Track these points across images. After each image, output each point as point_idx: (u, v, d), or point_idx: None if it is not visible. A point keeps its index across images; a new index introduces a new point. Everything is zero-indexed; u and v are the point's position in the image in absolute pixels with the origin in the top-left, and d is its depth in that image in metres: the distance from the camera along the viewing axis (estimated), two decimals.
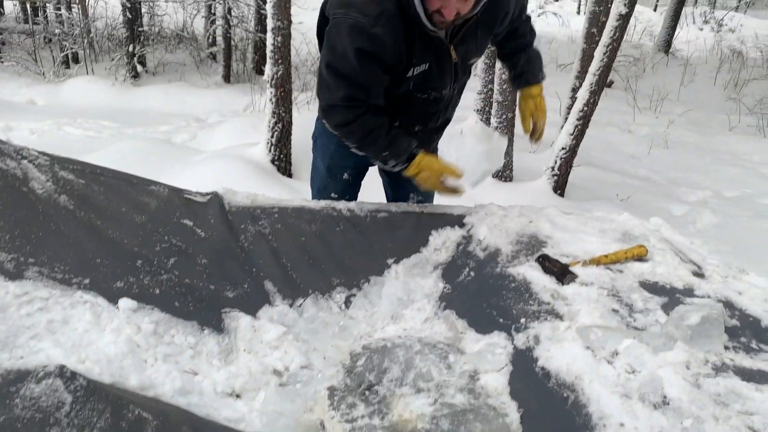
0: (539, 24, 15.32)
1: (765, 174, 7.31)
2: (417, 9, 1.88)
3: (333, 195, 2.59)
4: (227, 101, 8.80)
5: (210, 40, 10.60)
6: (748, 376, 1.54)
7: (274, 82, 5.30)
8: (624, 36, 5.43)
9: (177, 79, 9.72)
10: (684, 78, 11.49)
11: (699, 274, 2.04)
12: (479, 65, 7.60)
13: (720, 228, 5.62)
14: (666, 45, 13.44)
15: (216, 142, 6.72)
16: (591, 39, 6.53)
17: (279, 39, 5.18)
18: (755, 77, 11.58)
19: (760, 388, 1.48)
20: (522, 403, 1.61)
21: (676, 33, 13.81)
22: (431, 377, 1.71)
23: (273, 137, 5.47)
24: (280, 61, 5.25)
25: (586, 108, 5.48)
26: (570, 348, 1.61)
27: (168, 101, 8.74)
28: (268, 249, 2.11)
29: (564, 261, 2.01)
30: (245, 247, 2.09)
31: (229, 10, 9.63)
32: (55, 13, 10.10)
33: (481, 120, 7.58)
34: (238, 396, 1.68)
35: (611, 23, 5.22)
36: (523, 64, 2.49)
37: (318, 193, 2.70)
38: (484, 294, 1.99)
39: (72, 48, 10.06)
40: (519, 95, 2.52)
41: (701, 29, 18.82)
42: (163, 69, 10.20)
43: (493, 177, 6.07)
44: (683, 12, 14.79)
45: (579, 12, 19.71)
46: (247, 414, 1.62)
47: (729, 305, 1.84)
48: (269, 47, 5.24)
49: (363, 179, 2.76)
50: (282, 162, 5.56)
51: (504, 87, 5.88)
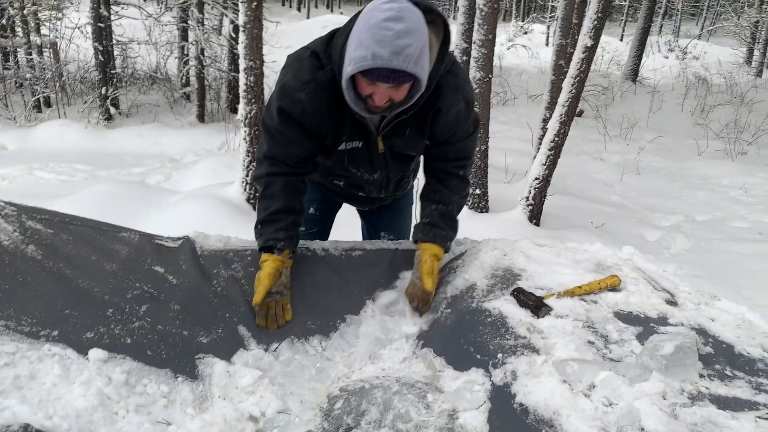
0: (509, 57, 15.65)
1: (734, 197, 7.46)
2: (344, 91, 1.80)
3: (300, 229, 2.58)
4: (202, 141, 8.80)
5: (183, 80, 10.64)
6: (723, 404, 1.54)
7: (247, 121, 5.31)
8: (591, 67, 5.56)
9: (151, 120, 9.71)
10: (652, 105, 11.77)
11: (672, 302, 2.06)
12: None
13: (694, 252, 5.71)
14: (633, 74, 13.79)
15: (191, 182, 6.69)
16: (559, 71, 6.68)
17: (251, 78, 5.22)
18: (720, 103, 11.91)
19: (735, 415, 1.48)
20: None
21: (642, 62, 14.19)
22: (410, 418, 1.69)
23: (248, 176, 5.47)
24: (253, 100, 5.28)
25: (557, 138, 5.57)
26: (547, 382, 1.61)
27: (142, 143, 8.72)
28: (241, 293, 2.09)
29: (539, 293, 2.01)
30: (218, 292, 2.07)
31: (202, 50, 9.69)
32: (26, 58, 10.07)
33: None
34: None
35: (578, 55, 5.35)
36: (438, 219, 2.22)
37: None
38: (461, 330, 1.99)
39: (44, 92, 10.02)
40: (419, 250, 2.19)
41: (666, 57, 19.38)
42: (137, 110, 10.19)
43: (469, 208, 6.12)
44: (648, 41, 15.23)
45: (548, 44, 20.18)
46: None
47: (702, 332, 1.86)
48: (242, 87, 5.27)
49: (335, 215, 2.76)
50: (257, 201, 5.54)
51: None
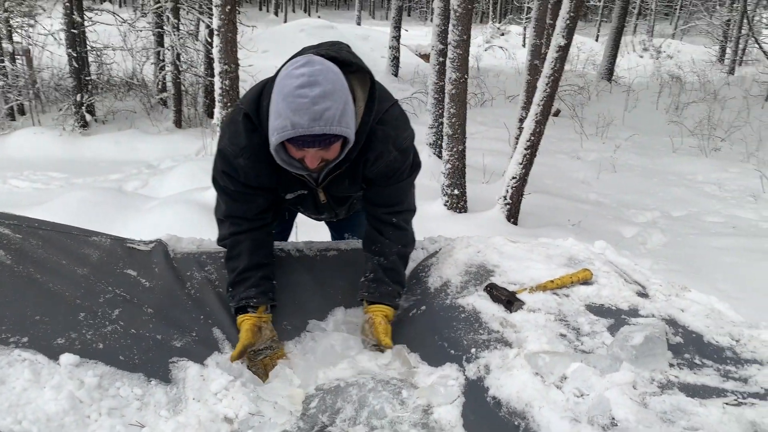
0: (486, 58, 15.75)
1: (709, 192, 7.57)
2: (275, 157, 1.77)
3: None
4: (179, 146, 8.74)
5: (160, 86, 10.56)
6: (692, 392, 1.57)
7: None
8: (565, 66, 5.62)
9: (127, 127, 9.63)
10: (627, 104, 11.91)
11: (643, 294, 2.08)
12: (429, 100, 7.75)
13: (669, 247, 5.78)
14: (608, 73, 13.95)
15: (168, 187, 6.64)
16: (534, 70, 6.74)
17: (227, 82, 5.20)
18: (694, 100, 12.09)
19: (704, 403, 1.50)
20: None
21: (617, 61, 14.36)
22: (384, 414, 1.70)
23: None
24: (229, 104, 5.26)
25: (533, 137, 5.62)
26: (519, 375, 1.62)
27: (118, 149, 8.64)
28: (215, 295, 2.08)
29: (511, 289, 2.03)
30: (192, 295, 2.06)
31: (178, 55, 9.63)
32: None
33: (434, 153, 7.69)
34: None
35: (551, 54, 5.40)
36: (383, 274, 2.11)
37: None
38: (435, 326, 2.00)
39: (17, 100, 9.89)
40: (368, 313, 2.08)
41: (641, 56, 19.64)
42: (113, 117, 10.09)
43: (448, 209, 6.14)
44: (623, 41, 15.42)
45: (524, 45, 20.35)
46: None
47: (672, 323, 1.89)
48: (218, 91, 5.25)
49: (293, 220, 2.77)
50: None
51: (453, 121, 5.99)
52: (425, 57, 14.34)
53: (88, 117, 9.41)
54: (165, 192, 6.49)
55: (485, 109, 11.43)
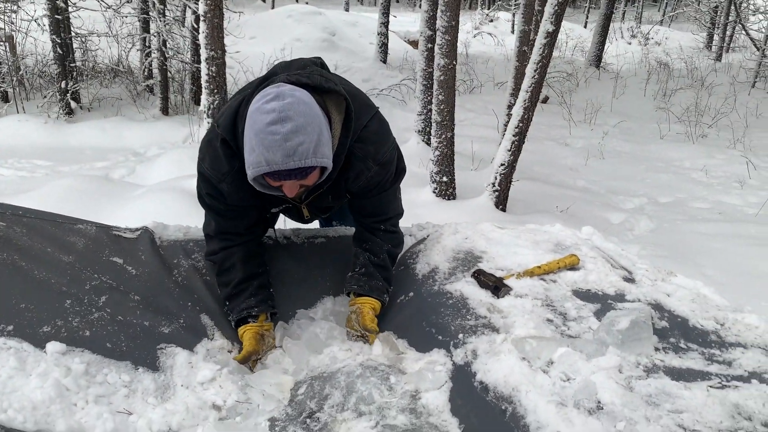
0: (475, 44, 15.71)
1: (696, 179, 7.62)
2: (254, 185, 1.76)
3: None
4: (166, 134, 8.67)
5: (146, 72, 10.44)
6: (677, 375, 1.59)
7: (210, 111, 5.25)
8: (553, 53, 5.61)
9: (113, 114, 9.52)
10: (615, 90, 11.93)
11: (629, 279, 2.10)
12: (417, 87, 7.73)
13: (656, 233, 5.82)
14: (597, 59, 13.95)
15: (155, 175, 6.59)
16: (523, 57, 6.73)
17: (213, 69, 5.16)
18: (681, 87, 12.13)
19: (688, 386, 1.52)
20: (462, 420, 1.61)
21: (605, 48, 14.36)
22: (372, 400, 1.70)
23: None
24: (216, 91, 5.22)
25: (521, 124, 5.62)
26: (507, 360, 1.63)
27: (104, 137, 8.55)
28: (203, 283, 2.08)
29: (499, 275, 2.04)
30: (179, 282, 2.05)
31: (164, 42, 9.52)
32: None
33: (423, 140, 7.69)
34: None
35: (540, 41, 5.39)
36: (373, 269, 2.12)
37: None
38: (423, 313, 2.00)
39: (0, 87, 9.76)
40: (356, 304, 2.08)
41: (629, 43, 19.66)
42: (99, 104, 9.98)
43: (437, 196, 6.15)
44: (611, 27, 15.41)
45: (513, 31, 20.30)
46: None
47: (658, 307, 1.90)
48: (204, 77, 5.21)
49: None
50: None
51: (442, 107, 5.98)
52: (414, 43, 14.27)
53: (73, 104, 9.30)
54: (152, 180, 6.43)
55: (474, 96, 11.41)
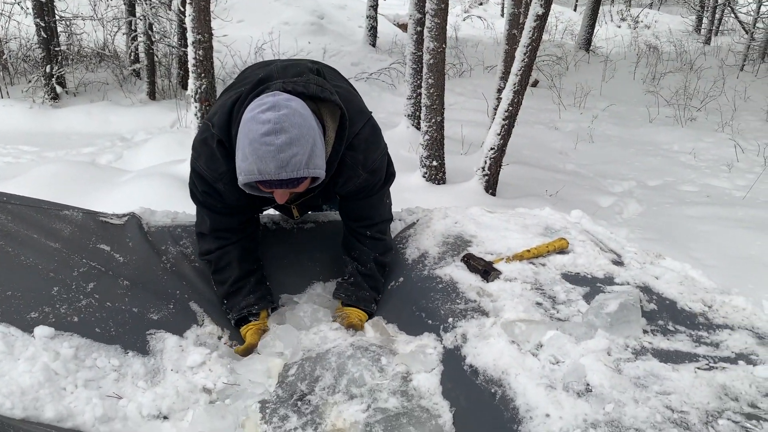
0: (465, 28, 15.62)
1: (684, 162, 7.65)
2: (245, 189, 1.77)
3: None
4: (153, 118, 8.58)
5: (132, 57, 10.30)
6: (665, 357, 1.60)
7: (198, 96, 5.20)
8: (542, 36, 5.58)
9: (100, 99, 9.41)
10: (605, 74, 11.92)
11: (618, 262, 2.11)
12: (407, 70, 7.69)
13: (645, 216, 5.84)
14: (586, 43, 13.92)
15: (143, 160, 6.53)
16: (512, 40, 6.70)
17: (200, 53, 5.10)
18: (670, 70, 12.13)
19: (676, 368, 1.53)
20: (453, 403, 1.62)
21: (595, 31, 14.32)
22: (364, 382, 1.70)
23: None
24: (203, 75, 5.16)
25: (511, 107, 5.61)
26: (496, 343, 1.64)
27: (91, 122, 8.45)
28: (191, 269, 2.06)
29: (488, 259, 2.04)
30: (167, 268, 2.04)
31: (151, 25, 9.40)
32: None
33: (412, 125, 7.66)
34: (165, 417, 1.63)
35: (529, 24, 5.36)
36: (361, 279, 2.12)
37: None
38: (412, 297, 2.00)
39: None
40: (343, 311, 2.09)
41: (619, 26, 19.61)
42: (85, 89, 9.85)
43: (427, 180, 6.14)
44: (601, 10, 15.37)
45: (503, 15, 20.19)
46: None
47: (647, 290, 1.91)
48: (191, 61, 5.14)
49: None
50: None
51: (431, 91, 5.95)
52: (403, 27, 14.17)
53: (58, 89, 9.18)
54: (140, 165, 6.38)
55: (464, 80, 11.36)
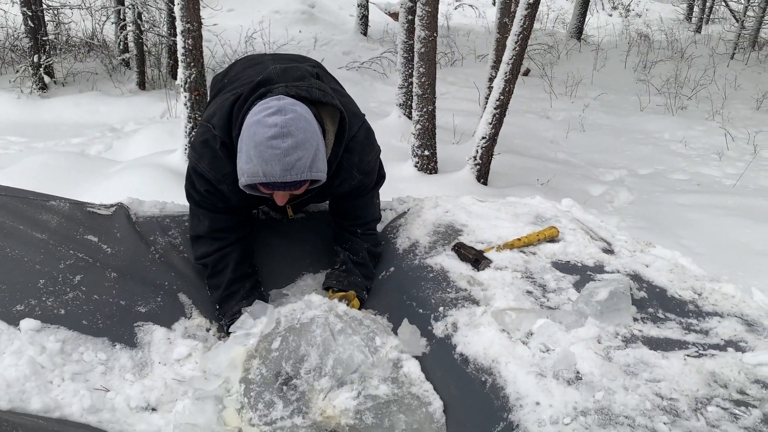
0: (456, 17, 15.57)
1: (675, 150, 7.67)
2: (244, 190, 1.78)
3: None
4: (143, 108, 8.51)
5: (121, 46, 10.21)
6: (655, 344, 1.60)
7: (187, 86, 5.16)
8: (534, 24, 5.57)
9: (89, 89, 9.32)
10: (596, 63, 11.91)
11: (609, 250, 2.11)
12: (398, 59, 7.65)
13: (636, 205, 5.86)
14: (578, 32, 13.90)
15: (133, 151, 6.49)
16: (504, 29, 6.67)
17: (190, 42, 5.05)
18: (661, 59, 12.14)
19: (666, 355, 1.54)
20: (444, 391, 1.62)
21: (586, 19, 14.30)
22: (353, 363, 1.66)
23: (190, 142, 5.33)
24: (192, 64, 5.12)
25: (502, 96, 5.60)
26: (486, 332, 1.63)
27: (80, 112, 8.38)
28: (180, 260, 2.05)
29: (479, 247, 2.03)
30: (156, 259, 2.02)
31: (140, 14, 9.31)
32: None
33: (404, 114, 7.64)
34: (153, 409, 1.63)
35: (520, 12, 5.34)
36: (353, 267, 2.12)
37: None
38: (403, 287, 2.00)
39: None
40: (332, 295, 2.06)
41: (610, 15, 19.60)
42: (74, 79, 9.76)
43: (419, 170, 6.12)
44: None
45: (494, 3, 20.13)
46: (164, 427, 1.57)
47: (637, 278, 1.91)
48: (180, 50, 5.10)
49: None
50: None
51: (423, 80, 5.93)
52: (394, 15, 14.11)
53: (47, 79, 9.09)
54: (129, 156, 6.34)
55: (455, 69, 11.33)
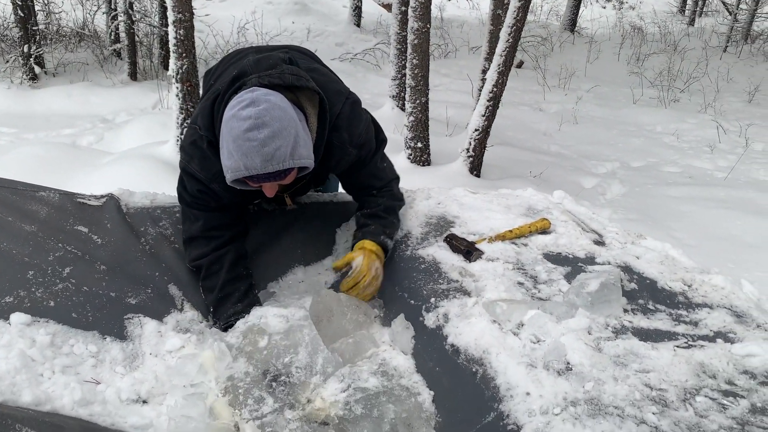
0: (450, 8, 15.53)
1: (667, 143, 7.69)
2: (233, 186, 1.77)
3: None
4: (135, 99, 8.46)
5: (113, 36, 10.13)
6: (645, 335, 1.61)
7: (179, 77, 5.13)
8: (527, 16, 5.56)
9: (80, 79, 9.25)
10: (590, 55, 11.92)
11: (600, 242, 2.11)
12: (391, 51, 7.63)
13: (628, 197, 5.88)
14: (571, 24, 13.89)
15: (124, 142, 6.46)
16: (497, 20, 6.65)
17: (181, 32, 5.02)
18: (655, 51, 12.16)
19: (656, 346, 1.55)
20: (434, 382, 1.62)
21: (580, 12, 14.30)
22: (341, 359, 1.67)
23: (182, 134, 5.30)
24: (184, 55, 5.09)
25: (495, 88, 5.59)
26: (477, 323, 1.64)
27: (71, 103, 8.32)
28: (171, 251, 2.04)
29: (471, 239, 2.03)
30: (146, 251, 2.01)
31: (131, 4, 9.24)
32: None
33: (397, 106, 7.62)
34: (144, 402, 1.62)
35: (514, 3, 5.33)
36: (368, 218, 2.09)
37: None
38: (395, 278, 2.00)
39: None
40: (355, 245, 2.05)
41: (604, 7, 19.60)
42: (64, 69, 9.68)
43: (412, 162, 6.12)
44: None
45: None
46: (155, 419, 1.57)
47: (627, 270, 1.92)
48: (172, 41, 5.07)
49: None
50: None
51: (416, 72, 5.91)
52: (388, 7, 14.05)
53: (37, 69, 9.01)
54: (121, 147, 6.31)
55: (449, 61, 11.31)
